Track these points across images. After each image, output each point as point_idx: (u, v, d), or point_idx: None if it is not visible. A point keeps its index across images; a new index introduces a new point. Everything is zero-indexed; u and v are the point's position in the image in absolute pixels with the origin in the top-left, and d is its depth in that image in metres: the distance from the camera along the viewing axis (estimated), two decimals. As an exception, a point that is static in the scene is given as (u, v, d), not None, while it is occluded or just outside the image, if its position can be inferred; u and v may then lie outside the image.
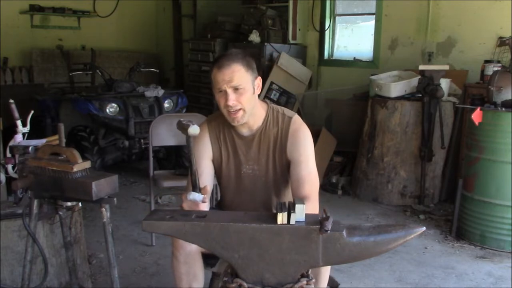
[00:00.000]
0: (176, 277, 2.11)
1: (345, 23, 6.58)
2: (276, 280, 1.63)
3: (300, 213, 1.59)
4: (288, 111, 2.20)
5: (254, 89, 2.06)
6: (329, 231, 1.54)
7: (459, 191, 3.96)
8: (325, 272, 2.09)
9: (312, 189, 2.07)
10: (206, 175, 2.13)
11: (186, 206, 1.82)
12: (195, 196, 1.76)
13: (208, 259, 2.20)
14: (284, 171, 2.18)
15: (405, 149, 4.75)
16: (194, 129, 1.68)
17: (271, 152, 2.15)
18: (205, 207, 1.83)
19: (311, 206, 1.98)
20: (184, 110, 5.47)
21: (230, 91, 1.99)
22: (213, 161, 2.19)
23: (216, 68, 2.02)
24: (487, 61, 4.71)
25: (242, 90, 2.00)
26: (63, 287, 2.70)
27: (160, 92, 5.23)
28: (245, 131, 2.16)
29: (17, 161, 2.25)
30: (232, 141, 2.17)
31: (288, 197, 2.22)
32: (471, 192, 3.83)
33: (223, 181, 2.24)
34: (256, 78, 2.08)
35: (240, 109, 2.02)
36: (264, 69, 6.08)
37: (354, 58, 6.25)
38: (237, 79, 1.98)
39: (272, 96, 5.95)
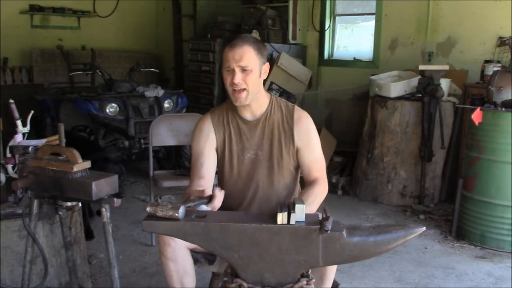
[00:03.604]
0: (166, 275, 2.10)
1: (345, 23, 6.58)
2: (276, 280, 1.63)
3: (300, 213, 1.59)
4: (289, 102, 2.32)
5: (260, 73, 2.14)
6: (329, 231, 1.54)
7: (459, 191, 3.96)
8: (330, 272, 2.10)
9: (320, 172, 2.23)
10: (208, 165, 2.19)
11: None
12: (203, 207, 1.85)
13: (208, 255, 2.19)
14: (288, 155, 2.23)
15: (405, 149, 4.75)
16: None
17: (275, 136, 2.21)
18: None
19: (322, 186, 2.19)
20: (184, 110, 5.47)
21: (237, 70, 2.07)
22: (217, 149, 2.24)
23: (228, 47, 2.11)
24: (487, 61, 4.71)
25: (249, 71, 2.08)
26: (63, 287, 2.70)
27: (160, 92, 5.23)
28: (248, 116, 2.22)
29: (17, 161, 2.25)
30: (236, 126, 2.23)
31: (290, 181, 2.27)
32: (471, 192, 3.83)
33: (226, 167, 2.26)
34: (264, 63, 2.16)
35: (244, 89, 2.10)
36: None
37: (354, 58, 6.26)
38: (246, 60, 2.07)
39: (272, 96, 5.94)
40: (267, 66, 2.18)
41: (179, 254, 2.06)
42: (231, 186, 2.28)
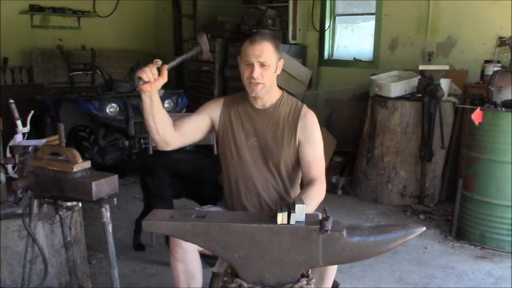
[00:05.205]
0: (174, 275, 2.14)
1: (345, 23, 6.58)
2: (276, 280, 1.63)
3: (300, 213, 1.59)
4: (299, 102, 2.39)
5: (276, 68, 2.24)
6: (329, 231, 1.54)
7: (459, 191, 3.96)
8: (331, 272, 2.11)
9: (319, 171, 2.21)
10: (189, 124, 2.28)
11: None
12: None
13: (208, 259, 2.20)
14: (288, 148, 2.26)
15: (405, 149, 4.75)
16: None
17: (279, 128, 2.26)
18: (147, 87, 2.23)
19: (320, 187, 2.14)
20: (184, 110, 5.47)
21: (256, 65, 2.17)
22: (219, 130, 2.32)
23: (248, 42, 2.22)
24: (487, 61, 4.71)
25: (267, 66, 2.18)
26: (63, 287, 2.70)
27: (160, 92, 5.18)
28: (258, 105, 2.30)
29: (17, 161, 2.24)
30: (245, 112, 2.30)
31: (284, 172, 2.29)
32: (471, 192, 3.83)
33: (232, 148, 2.30)
34: (280, 60, 2.25)
35: (260, 83, 2.19)
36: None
37: (354, 58, 6.25)
38: (265, 56, 2.17)
39: (272, 96, 5.94)
40: (282, 62, 2.27)
41: (189, 256, 2.09)
42: (233, 168, 2.32)
